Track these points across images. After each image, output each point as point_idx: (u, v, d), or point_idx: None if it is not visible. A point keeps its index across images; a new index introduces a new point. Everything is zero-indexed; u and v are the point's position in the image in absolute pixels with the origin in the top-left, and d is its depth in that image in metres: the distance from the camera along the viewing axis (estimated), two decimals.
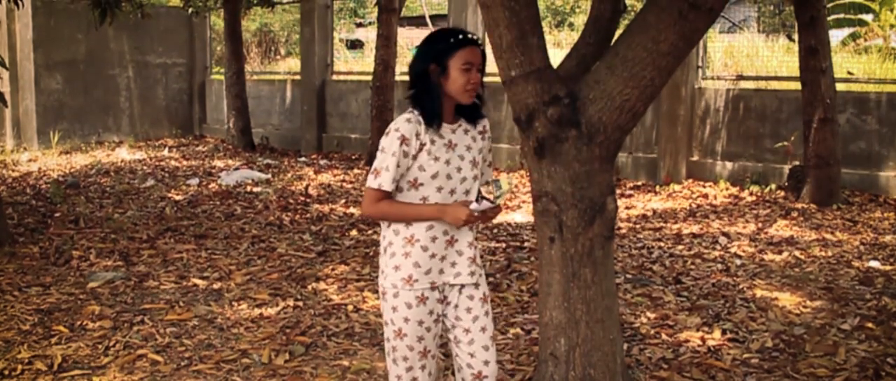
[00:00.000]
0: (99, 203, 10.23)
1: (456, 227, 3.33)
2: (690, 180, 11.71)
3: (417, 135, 3.25)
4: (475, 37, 3.30)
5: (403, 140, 3.23)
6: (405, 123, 3.25)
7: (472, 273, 3.44)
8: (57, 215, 9.38)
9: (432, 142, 3.28)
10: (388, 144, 3.24)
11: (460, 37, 3.26)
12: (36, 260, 7.50)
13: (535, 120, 3.99)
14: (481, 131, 3.46)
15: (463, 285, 3.45)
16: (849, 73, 11.63)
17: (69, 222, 9.03)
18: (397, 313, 3.37)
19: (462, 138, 3.38)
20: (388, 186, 3.25)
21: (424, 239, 3.33)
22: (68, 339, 5.49)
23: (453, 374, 3.66)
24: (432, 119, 3.27)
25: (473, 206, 3.22)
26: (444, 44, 3.26)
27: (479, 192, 3.26)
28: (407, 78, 3.37)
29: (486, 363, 3.48)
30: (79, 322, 5.81)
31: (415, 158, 3.27)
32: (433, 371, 3.50)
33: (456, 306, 3.45)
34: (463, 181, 3.36)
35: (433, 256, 3.35)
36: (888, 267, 7.31)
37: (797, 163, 10.63)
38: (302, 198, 10.80)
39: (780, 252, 7.84)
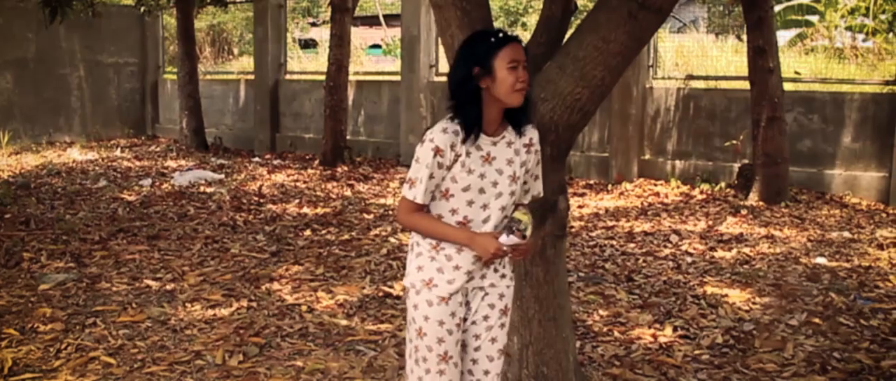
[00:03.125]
0: (50, 204, 10.12)
1: (483, 258, 3.20)
2: (642, 179, 11.82)
3: (452, 146, 3.11)
4: (515, 34, 3.17)
5: (437, 151, 3.10)
6: (441, 133, 3.11)
7: (496, 280, 3.35)
8: (7, 216, 9.27)
9: (468, 154, 3.14)
10: (422, 155, 3.12)
11: (501, 35, 3.12)
12: None
13: None
14: (527, 145, 3.29)
15: (487, 293, 3.34)
16: (796, 73, 11.82)
17: (19, 223, 8.92)
18: (418, 310, 3.26)
19: (503, 151, 3.23)
20: (421, 198, 3.14)
21: (450, 249, 3.23)
22: (19, 342, 5.43)
23: None
24: (472, 129, 3.13)
25: (503, 239, 3.10)
26: (485, 44, 3.12)
27: (510, 222, 3.17)
28: (360, 78, 3.30)
29: (487, 373, 3.38)
30: (29, 325, 5.74)
31: (449, 169, 3.14)
32: (455, 380, 3.34)
33: (475, 311, 3.35)
34: (498, 197, 3.22)
35: (457, 267, 3.23)
36: (834, 263, 7.44)
37: (746, 161, 10.78)
38: (255, 198, 10.76)
39: (729, 250, 7.95)
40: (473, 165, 3.16)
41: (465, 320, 3.35)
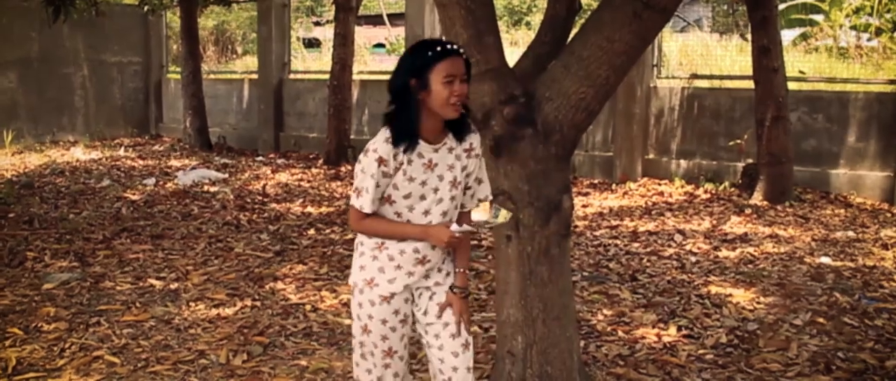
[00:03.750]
0: (54, 204, 10.12)
1: (440, 247, 3.29)
2: (646, 178, 11.82)
3: (395, 155, 3.16)
4: (456, 47, 3.15)
5: (381, 161, 3.16)
6: (383, 142, 3.16)
7: (441, 279, 3.43)
8: (10, 215, 9.27)
9: (410, 162, 3.19)
10: (367, 165, 3.18)
11: (438, 49, 3.10)
12: None
13: (492, 119, 4.01)
14: (467, 150, 3.33)
15: (434, 293, 3.41)
16: (800, 72, 11.80)
17: (23, 222, 8.92)
18: (362, 309, 3.36)
19: (444, 157, 3.27)
20: (368, 208, 3.21)
21: (393, 249, 3.31)
22: (23, 341, 5.43)
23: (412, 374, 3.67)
24: (405, 138, 3.15)
25: (454, 227, 3.18)
26: (422, 57, 3.11)
27: (463, 214, 3.32)
28: (364, 77, 3.33)
29: (455, 369, 3.41)
30: (33, 324, 5.75)
31: (392, 176, 3.21)
32: (400, 372, 3.46)
33: (426, 311, 3.42)
34: (439, 202, 3.28)
35: (399, 267, 3.32)
36: (839, 263, 7.43)
37: (750, 161, 10.77)
38: (259, 197, 10.76)
39: (733, 249, 7.94)
40: (415, 173, 3.22)
41: (415, 322, 3.46)
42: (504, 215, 3.25)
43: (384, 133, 3.19)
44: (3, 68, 16.28)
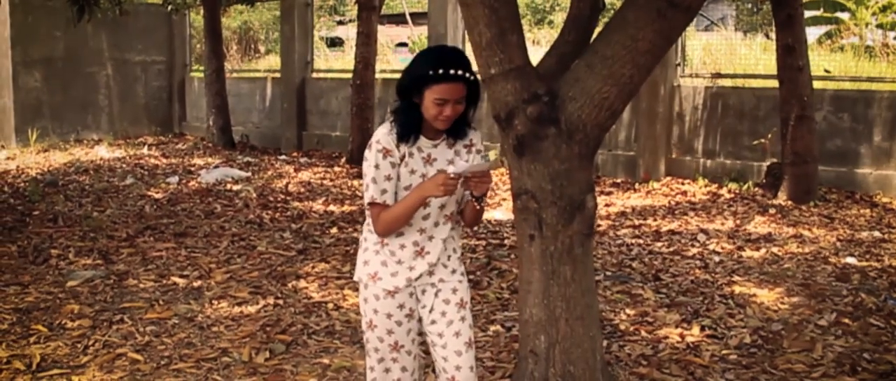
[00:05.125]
0: (78, 201, 10.18)
1: (442, 195, 3.21)
2: (669, 178, 11.76)
3: (398, 146, 3.28)
4: (459, 72, 3.16)
5: (386, 152, 3.28)
6: (385, 134, 3.28)
7: (446, 276, 3.47)
8: (35, 213, 9.34)
9: (410, 154, 3.31)
10: (372, 157, 3.30)
11: (440, 71, 3.14)
12: (14, 259, 7.46)
13: (515, 118, 4.00)
14: (468, 145, 3.42)
15: (439, 290, 3.46)
16: (826, 71, 11.71)
17: (48, 220, 8.98)
18: (368, 304, 3.44)
19: (444, 152, 3.37)
20: (379, 197, 3.29)
21: (393, 245, 3.39)
22: (47, 338, 5.47)
23: (433, 372, 3.68)
24: (405, 134, 3.28)
25: (450, 169, 3.19)
26: (422, 72, 3.19)
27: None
28: (387, 76, 3.36)
29: (458, 368, 3.46)
30: (58, 321, 5.78)
31: (399, 166, 3.31)
32: (409, 367, 3.50)
33: (431, 309, 3.47)
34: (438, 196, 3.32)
35: (400, 262, 3.39)
36: (864, 263, 7.37)
37: (775, 160, 10.70)
38: (282, 196, 10.79)
39: (757, 249, 7.89)
40: (415, 166, 3.34)
41: (420, 319, 3.50)
42: (491, 155, 3.34)
43: (386, 126, 3.32)
44: (29, 67, 16.37)
